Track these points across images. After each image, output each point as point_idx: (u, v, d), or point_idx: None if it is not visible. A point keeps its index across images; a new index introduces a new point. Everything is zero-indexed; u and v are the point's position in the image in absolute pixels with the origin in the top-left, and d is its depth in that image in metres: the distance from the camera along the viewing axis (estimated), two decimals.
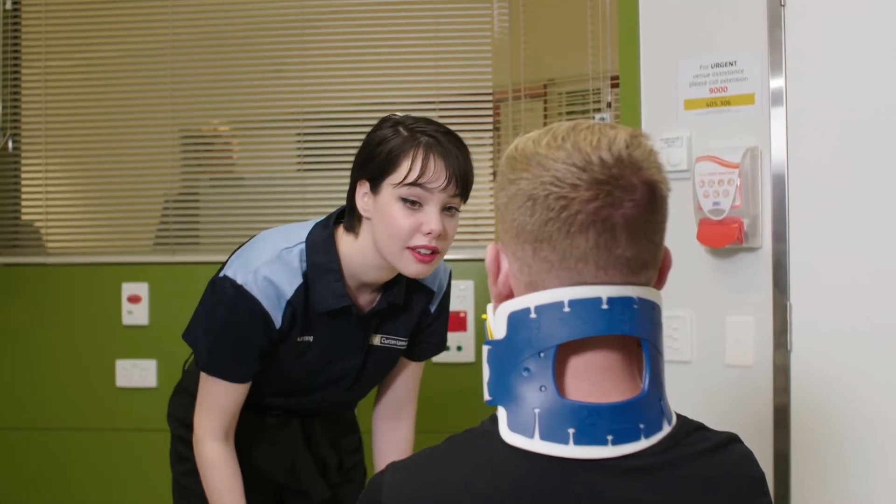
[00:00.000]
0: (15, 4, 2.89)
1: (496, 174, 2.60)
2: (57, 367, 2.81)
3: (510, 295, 0.94)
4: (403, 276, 1.62)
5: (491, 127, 2.74)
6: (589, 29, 2.56)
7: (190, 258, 2.78)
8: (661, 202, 0.91)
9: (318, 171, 2.79)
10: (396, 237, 1.50)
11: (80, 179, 2.91)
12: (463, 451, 0.91)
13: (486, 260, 0.96)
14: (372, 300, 1.65)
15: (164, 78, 2.83)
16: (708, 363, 1.89)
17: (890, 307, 1.70)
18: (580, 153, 0.88)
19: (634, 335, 0.91)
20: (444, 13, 2.75)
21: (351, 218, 1.59)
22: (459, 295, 2.68)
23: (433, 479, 0.90)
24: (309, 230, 1.61)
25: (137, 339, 2.77)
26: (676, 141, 1.90)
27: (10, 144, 2.87)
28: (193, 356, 1.78)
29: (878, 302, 1.71)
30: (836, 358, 1.75)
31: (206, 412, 1.63)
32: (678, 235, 0.96)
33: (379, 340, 1.69)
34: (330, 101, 2.82)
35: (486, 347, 0.95)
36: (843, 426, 1.74)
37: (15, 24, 2.91)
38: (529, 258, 0.90)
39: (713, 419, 1.03)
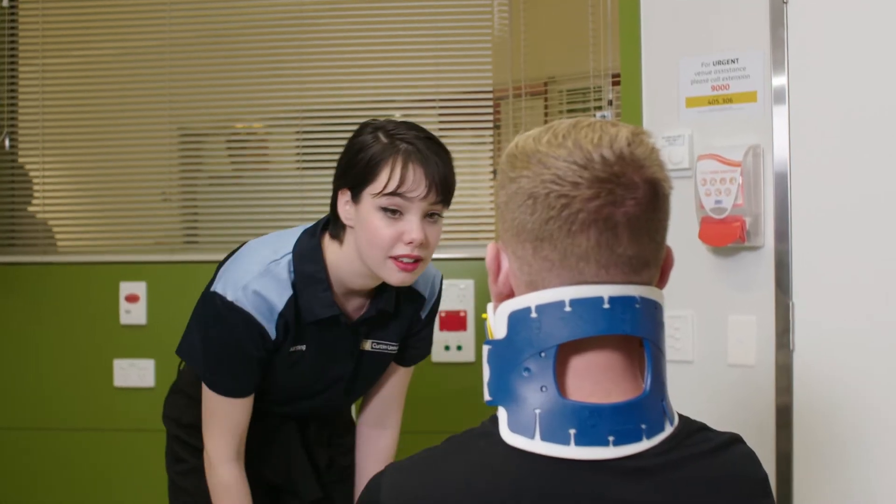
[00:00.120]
0: (12, 2, 2.89)
1: (496, 172, 2.60)
2: (54, 366, 2.80)
3: (510, 294, 0.93)
4: None
5: (491, 125, 2.74)
6: (590, 26, 2.56)
7: (188, 257, 2.78)
8: (663, 200, 0.91)
9: (317, 169, 2.79)
10: (378, 247, 1.50)
11: (77, 178, 2.91)
12: (463, 451, 0.91)
13: (486, 259, 0.95)
14: (362, 306, 1.65)
15: (161, 76, 2.83)
16: (710, 363, 1.89)
17: (893, 306, 1.70)
18: (581, 151, 0.87)
19: (636, 335, 0.90)
20: (444, 10, 2.75)
21: (335, 226, 1.58)
22: (459, 294, 2.68)
23: (433, 479, 0.89)
24: (296, 239, 1.61)
25: (135, 338, 2.76)
26: (678, 139, 1.90)
27: (6, 143, 2.87)
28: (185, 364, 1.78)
29: (881, 301, 1.71)
30: (838, 357, 1.74)
31: (217, 434, 1.62)
32: (680, 234, 0.95)
33: (370, 345, 1.69)
34: (329, 99, 2.81)
35: (486, 347, 0.94)
36: (846, 426, 1.73)
37: (12, 21, 2.90)
38: (530, 257, 0.89)
39: (715, 419, 1.02)
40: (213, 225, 2.85)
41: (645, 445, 0.88)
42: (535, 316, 0.89)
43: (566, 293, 0.88)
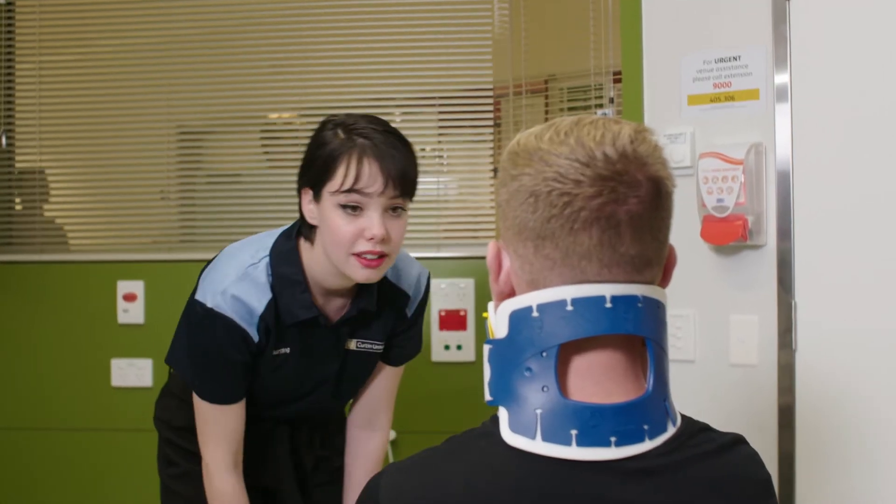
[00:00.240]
0: None
1: (497, 171, 2.60)
2: (51, 366, 2.79)
3: (512, 293, 0.93)
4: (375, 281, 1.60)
5: (491, 123, 2.74)
6: (591, 23, 2.56)
7: (186, 256, 2.77)
8: (666, 198, 0.90)
9: None
10: (340, 245, 1.49)
11: (74, 176, 2.90)
12: (463, 452, 0.90)
13: (486, 257, 0.95)
14: (343, 305, 1.63)
15: (160, 73, 2.82)
16: (712, 362, 1.88)
17: None
18: (583, 148, 0.87)
19: (639, 334, 0.90)
20: (444, 7, 2.75)
21: (304, 226, 1.57)
22: (459, 293, 2.68)
23: (432, 480, 0.89)
24: (273, 242, 1.60)
25: (133, 337, 2.75)
26: (680, 137, 1.89)
27: (3, 141, 2.86)
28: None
29: (884, 300, 1.70)
30: (841, 357, 1.74)
31: (212, 443, 1.61)
32: (681, 233, 0.95)
33: (355, 345, 1.67)
34: (329, 97, 2.80)
35: (486, 347, 0.94)
36: (848, 426, 1.73)
37: (9, 18, 2.89)
38: (531, 256, 0.89)
39: (717, 419, 1.02)
40: (211, 223, 2.84)
41: (647, 446, 0.87)
42: (536, 315, 0.88)
43: (568, 292, 0.88)
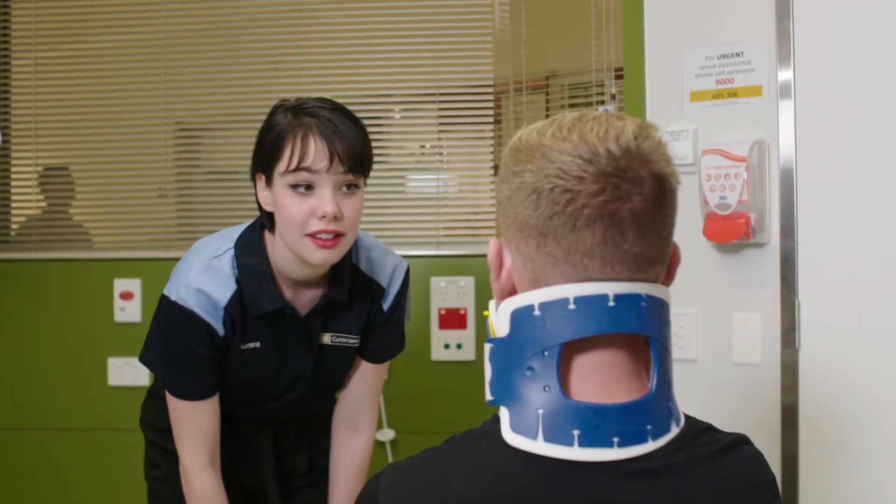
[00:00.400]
0: None
1: (497, 168, 2.59)
2: (48, 365, 2.79)
3: (513, 291, 0.92)
4: (346, 271, 1.59)
5: (492, 120, 2.74)
6: (592, 19, 2.56)
7: (183, 254, 2.75)
8: (670, 196, 0.89)
9: None
10: (293, 226, 1.47)
11: (71, 173, 2.89)
12: (463, 452, 0.90)
13: (488, 255, 0.94)
14: (315, 298, 1.61)
15: (157, 70, 2.82)
16: (714, 361, 1.88)
17: None
18: (587, 145, 0.86)
19: (642, 333, 0.89)
20: (444, 3, 2.75)
21: (263, 215, 1.56)
22: (459, 291, 2.67)
23: (432, 480, 0.88)
24: (239, 234, 1.59)
25: (130, 336, 2.74)
26: (682, 134, 1.88)
27: None
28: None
29: (888, 299, 1.70)
30: (845, 356, 1.73)
31: (187, 441, 1.60)
32: (683, 230, 0.94)
33: (330, 339, 1.65)
34: (328, 93, 2.78)
35: (487, 346, 0.93)
36: (852, 425, 1.72)
37: (5, 14, 2.88)
38: (533, 253, 0.88)
39: (720, 418, 1.02)
40: (209, 221, 2.83)
41: (651, 447, 0.87)
42: (538, 314, 0.88)
43: (570, 290, 0.87)
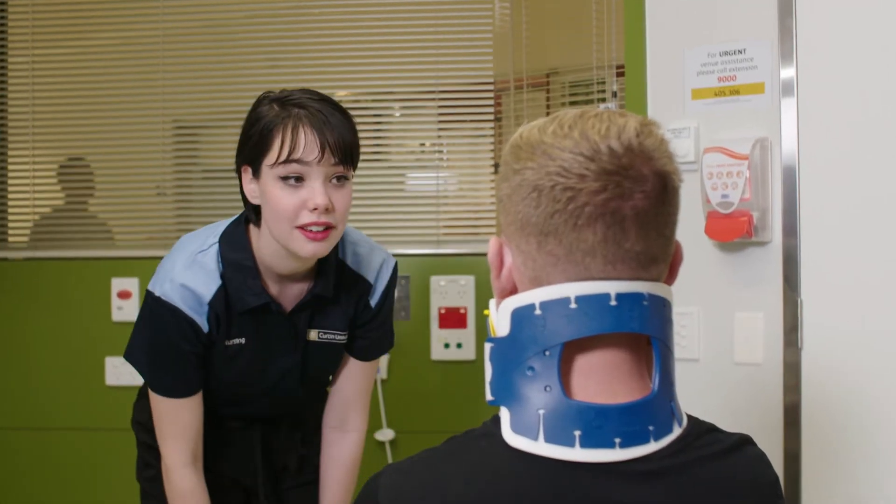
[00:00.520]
0: None
1: (498, 165, 2.58)
2: (44, 364, 2.79)
3: (514, 290, 0.92)
4: (332, 266, 1.58)
5: (492, 118, 2.74)
6: (593, 16, 2.55)
7: None
8: (672, 194, 0.89)
9: None
10: (283, 218, 1.46)
11: (68, 171, 2.88)
12: (463, 452, 0.89)
13: (488, 254, 0.94)
14: (300, 293, 1.60)
15: (155, 68, 2.81)
16: (716, 361, 1.87)
17: None
18: (588, 142, 0.85)
19: (644, 333, 0.88)
20: (444, 0, 2.73)
21: (248, 208, 1.55)
22: (459, 290, 2.67)
23: (432, 481, 0.87)
24: (223, 228, 1.58)
25: (127, 336, 2.70)
26: (683, 131, 1.88)
27: None
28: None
29: (892, 298, 1.69)
30: (847, 356, 1.73)
31: (169, 438, 1.59)
32: (685, 229, 0.93)
33: (317, 335, 1.64)
34: (327, 91, 2.77)
35: (488, 345, 0.92)
36: (855, 425, 1.72)
37: (1, 12, 2.88)
38: (534, 252, 0.88)
39: (722, 418, 1.01)
40: (207, 219, 2.80)
41: (653, 447, 0.86)
42: (539, 313, 0.87)
43: (571, 289, 0.86)
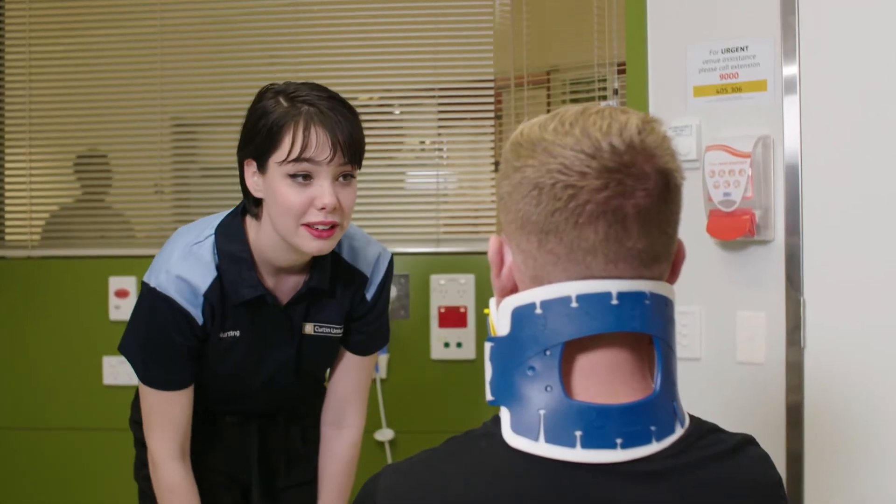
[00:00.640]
0: None
1: (498, 164, 2.57)
2: (42, 364, 2.78)
3: (514, 289, 0.91)
4: (328, 259, 1.58)
5: (492, 115, 2.73)
6: (594, 13, 2.55)
7: None
8: (674, 191, 0.88)
9: None
10: (290, 215, 1.46)
11: (65, 170, 2.87)
12: (463, 453, 0.88)
13: (488, 252, 0.93)
14: (296, 286, 1.60)
15: (153, 65, 2.80)
16: (718, 360, 1.87)
17: None
18: (589, 139, 0.85)
19: (646, 332, 0.88)
20: None
21: (248, 201, 1.55)
22: (459, 289, 2.66)
23: (431, 481, 0.87)
24: (220, 220, 1.58)
25: None
26: (685, 129, 1.88)
27: None
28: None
29: (894, 298, 1.68)
30: (850, 355, 1.72)
31: (157, 432, 1.59)
32: (687, 227, 0.93)
33: (312, 329, 1.63)
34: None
35: (488, 344, 0.92)
36: (857, 425, 1.72)
37: None
38: (535, 250, 0.87)
39: (724, 418, 1.01)
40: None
41: (655, 448, 0.86)
42: (539, 312, 0.86)
43: (572, 288, 0.85)
